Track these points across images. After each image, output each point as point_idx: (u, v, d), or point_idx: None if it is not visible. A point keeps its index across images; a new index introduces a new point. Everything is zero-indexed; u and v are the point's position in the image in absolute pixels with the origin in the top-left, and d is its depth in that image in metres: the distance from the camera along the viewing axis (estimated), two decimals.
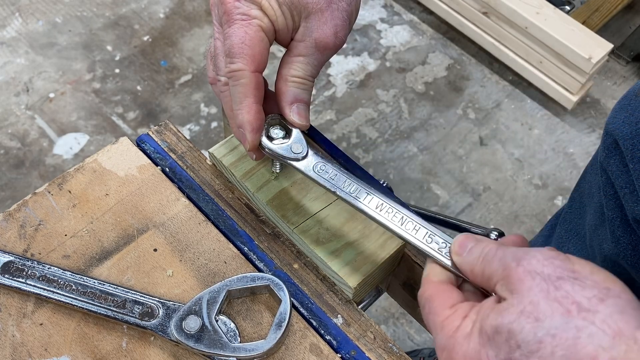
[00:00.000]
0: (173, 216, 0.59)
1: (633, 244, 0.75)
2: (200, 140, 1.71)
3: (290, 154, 0.54)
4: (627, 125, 0.71)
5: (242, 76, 0.51)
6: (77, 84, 1.78)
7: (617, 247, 0.77)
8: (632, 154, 0.70)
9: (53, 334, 0.52)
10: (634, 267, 0.76)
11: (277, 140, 0.54)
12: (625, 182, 0.72)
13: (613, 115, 0.74)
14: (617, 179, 0.74)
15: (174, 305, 0.52)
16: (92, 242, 0.57)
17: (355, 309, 0.55)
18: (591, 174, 0.84)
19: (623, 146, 0.71)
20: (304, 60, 0.53)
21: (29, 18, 1.91)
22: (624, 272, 0.80)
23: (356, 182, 0.52)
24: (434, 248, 0.49)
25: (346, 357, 0.52)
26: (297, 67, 0.54)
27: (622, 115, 0.72)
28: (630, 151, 0.70)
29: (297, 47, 0.54)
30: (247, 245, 0.58)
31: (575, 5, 1.85)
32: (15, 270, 0.53)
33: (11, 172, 1.61)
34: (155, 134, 0.64)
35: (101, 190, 0.60)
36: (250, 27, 0.51)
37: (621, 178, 0.73)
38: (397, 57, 1.93)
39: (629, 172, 0.71)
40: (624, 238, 0.76)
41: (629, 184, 0.72)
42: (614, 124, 0.73)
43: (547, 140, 1.78)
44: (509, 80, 1.89)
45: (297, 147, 0.55)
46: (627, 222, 0.75)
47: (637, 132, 0.69)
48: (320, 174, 0.53)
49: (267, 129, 0.55)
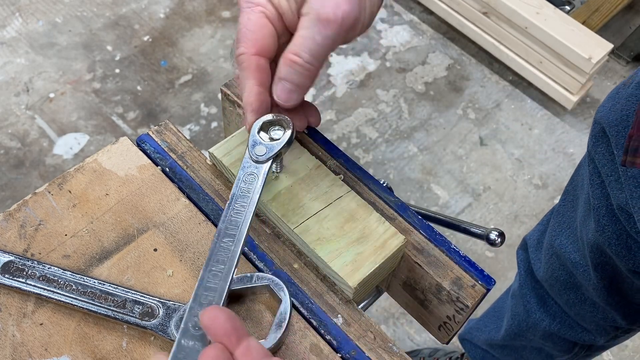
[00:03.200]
0: (173, 216, 0.59)
1: (617, 233, 0.76)
2: (200, 140, 1.71)
3: (253, 154, 0.54)
4: (613, 113, 0.71)
5: (244, 60, 0.52)
6: (77, 84, 1.78)
7: (602, 236, 0.77)
8: (616, 141, 0.70)
9: (53, 334, 0.52)
10: (618, 255, 0.77)
11: (269, 135, 0.55)
12: (611, 170, 0.73)
13: (602, 104, 0.75)
14: (604, 167, 0.74)
15: (174, 305, 0.52)
16: (92, 242, 0.57)
17: (355, 309, 0.55)
18: (583, 166, 0.85)
19: (609, 133, 0.72)
20: (303, 34, 0.51)
21: (29, 18, 1.91)
22: (609, 260, 0.80)
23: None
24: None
25: (346, 357, 0.52)
26: (294, 42, 0.52)
27: (609, 103, 0.73)
28: (615, 138, 0.71)
29: (299, 23, 0.52)
30: (247, 245, 0.58)
31: (575, 5, 1.85)
32: (16, 270, 0.53)
33: (11, 172, 1.61)
34: (155, 134, 0.64)
35: (101, 190, 0.60)
36: (252, 13, 0.52)
37: (607, 166, 0.74)
38: (397, 57, 1.93)
39: (615, 160, 0.71)
40: (609, 227, 0.76)
41: (614, 171, 0.72)
42: (602, 112, 0.74)
43: (547, 140, 1.78)
44: (509, 80, 1.90)
45: (260, 149, 0.55)
46: (612, 211, 0.75)
47: (623, 119, 0.69)
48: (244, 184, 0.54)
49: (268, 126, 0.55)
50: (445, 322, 0.61)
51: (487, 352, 1.18)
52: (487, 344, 1.16)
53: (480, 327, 1.19)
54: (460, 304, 0.56)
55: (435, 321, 0.62)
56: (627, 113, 0.68)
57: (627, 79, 0.73)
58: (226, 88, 0.68)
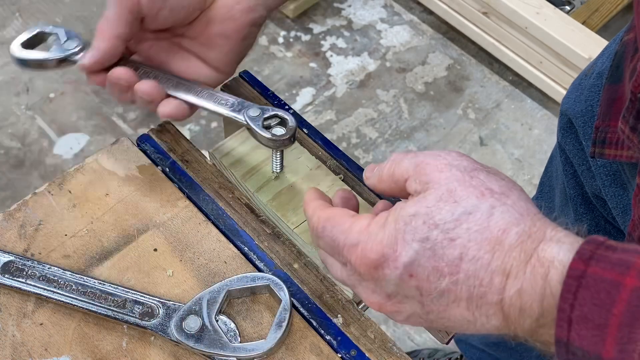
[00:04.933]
0: (173, 216, 0.59)
1: (595, 220, 0.76)
2: (200, 140, 1.71)
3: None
4: (578, 104, 0.72)
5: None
6: (77, 84, 1.78)
7: (581, 224, 0.78)
8: (584, 131, 0.71)
9: (53, 334, 0.52)
10: None
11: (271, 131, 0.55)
12: (582, 160, 0.74)
13: (566, 96, 0.76)
14: (575, 157, 0.75)
15: (174, 305, 0.52)
16: (92, 242, 0.57)
17: (355, 309, 0.55)
18: (555, 157, 0.86)
19: (576, 124, 0.72)
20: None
21: (30, 18, 1.91)
22: None
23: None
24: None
25: (346, 357, 0.52)
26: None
27: (574, 94, 0.74)
28: (582, 129, 0.71)
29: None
30: (247, 245, 0.58)
31: (575, 5, 1.85)
32: (16, 270, 0.53)
33: (11, 172, 1.61)
34: (155, 134, 0.64)
35: (101, 190, 0.60)
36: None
37: (578, 156, 0.74)
38: (397, 57, 1.93)
39: (584, 150, 0.72)
40: (586, 215, 0.77)
41: (585, 161, 0.73)
42: (567, 104, 0.75)
43: (547, 140, 1.78)
44: (509, 81, 1.90)
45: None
46: (588, 199, 0.76)
47: (588, 110, 0.70)
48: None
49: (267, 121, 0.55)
50: None
51: (483, 351, 1.18)
52: (482, 342, 1.16)
53: None
54: None
55: None
56: (592, 103, 0.69)
57: (588, 68, 0.73)
58: (226, 88, 0.68)
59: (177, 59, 0.59)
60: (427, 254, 0.39)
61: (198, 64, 0.59)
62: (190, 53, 0.59)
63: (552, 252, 0.36)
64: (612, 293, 0.33)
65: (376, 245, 0.40)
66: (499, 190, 0.40)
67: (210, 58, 0.59)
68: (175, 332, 0.50)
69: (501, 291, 0.38)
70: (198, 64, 0.59)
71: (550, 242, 0.37)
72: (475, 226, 0.38)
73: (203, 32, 0.57)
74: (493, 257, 0.38)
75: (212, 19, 0.56)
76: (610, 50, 0.66)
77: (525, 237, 0.38)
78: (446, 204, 0.39)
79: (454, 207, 0.39)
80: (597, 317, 0.33)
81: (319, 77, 1.86)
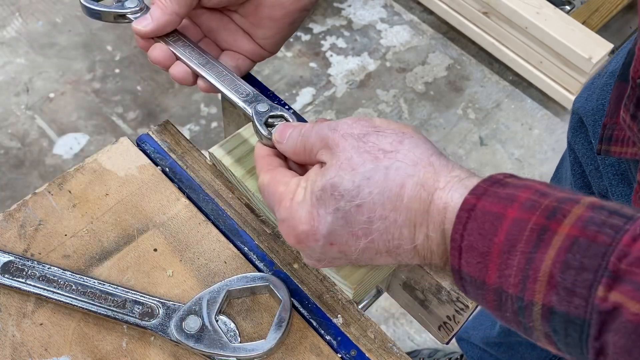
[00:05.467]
0: (173, 216, 0.59)
1: None
2: (200, 140, 1.71)
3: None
4: (589, 102, 0.73)
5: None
6: (77, 84, 1.78)
7: None
8: (593, 130, 0.71)
9: (53, 334, 0.52)
10: None
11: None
12: (590, 159, 0.74)
13: (579, 95, 0.76)
14: (583, 156, 0.75)
15: (174, 305, 0.52)
16: (92, 242, 0.57)
17: (355, 309, 0.55)
18: (566, 159, 0.87)
19: (587, 123, 0.73)
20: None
21: (29, 18, 1.91)
22: None
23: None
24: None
25: (346, 357, 0.52)
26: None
27: (585, 93, 0.75)
28: (592, 127, 0.72)
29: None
30: (247, 245, 0.58)
31: (575, 5, 1.85)
32: (15, 270, 0.53)
33: (11, 172, 1.61)
34: (155, 134, 0.64)
35: (101, 190, 0.60)
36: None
37: (587, 155, 0.75)
38: (397, 57, 1.93)
39: (593, 149, 0.72)
40: None
41: (593, 160, 0.73)
42: (579, 102, 0.75)
43: (547, 140, 1.78)
44: (509, 80, 1.90)
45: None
46: None
47: (599, 108, 0.70)
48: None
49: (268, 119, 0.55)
50: (445, 322, 0.61)
51: (484, 350, 1.18)
52: (484, 342, 1.16)
53: (475, 326, 1.19)
54: (460, 304, 0.56)
55: (435, 321, 0.62)
56: (603, 102, 0.70)
57: (602, 69, 0.74)
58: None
59: (226, 29, 0.62)
60: (340, 223, 0.43)
61: (246, 38, 0.62)
62: (239, 27, 0.62)
63: (446, 199, 0.40)
64: (495, 224, 0.36)
65: (297, 223, 0.44)
66: (391, 148, 0.43)
67: (258, 36, 0.61)
68: (175, 332, 0.50)
69: (413, 240, 0.42)
70: (246, 38, 0.62)
71: (444, 190, 0.40)
72: (375, 189, 0.42)
73: (253, 13, 0.60)
74: (398, 212, 0.41)
75: (262, 3, 0.58)
76: (625, 50, 0.66)
77: (419, 187, 0.41)
78: (346, 173, 0.42)
79: (353, 175, 0.42)
80: (482, 245, 0.37)
81: (319, 77, 1.86)
